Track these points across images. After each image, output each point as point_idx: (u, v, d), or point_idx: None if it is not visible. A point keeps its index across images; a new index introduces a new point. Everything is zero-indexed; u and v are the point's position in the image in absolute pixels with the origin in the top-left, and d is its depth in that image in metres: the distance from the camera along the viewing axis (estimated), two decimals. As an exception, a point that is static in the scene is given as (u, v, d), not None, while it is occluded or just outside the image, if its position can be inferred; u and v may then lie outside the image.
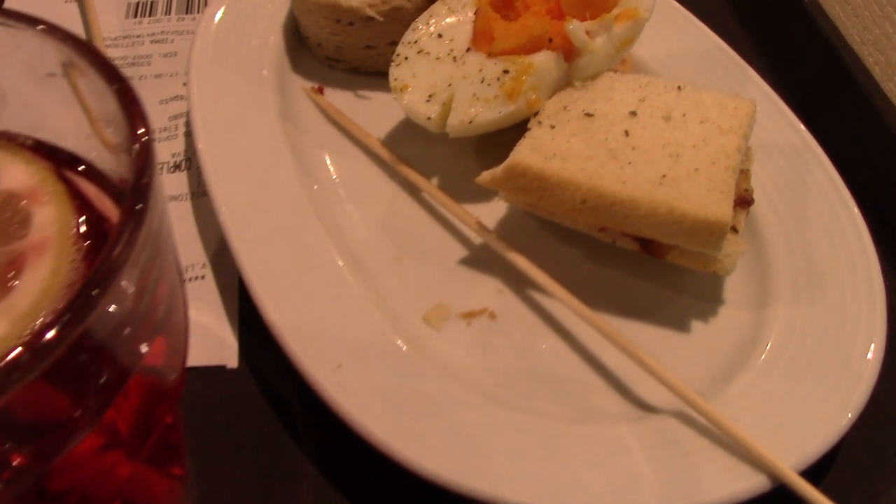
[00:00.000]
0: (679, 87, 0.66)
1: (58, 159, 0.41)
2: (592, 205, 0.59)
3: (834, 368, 0.57)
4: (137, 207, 0.31)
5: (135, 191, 0.31)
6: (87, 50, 0.36)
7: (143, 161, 0.33)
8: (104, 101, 0.36)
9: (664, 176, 0.59)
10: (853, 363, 0.57)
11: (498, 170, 0.62)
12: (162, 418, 0.42)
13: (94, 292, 0.28)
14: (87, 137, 0.40)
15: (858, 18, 0.88)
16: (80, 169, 0.41)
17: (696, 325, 0.63)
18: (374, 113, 0.75)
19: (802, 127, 0.73)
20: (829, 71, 0.83)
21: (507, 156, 0.62)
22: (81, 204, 0.40)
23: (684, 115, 0.63)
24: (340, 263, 0.61)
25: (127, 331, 0.33)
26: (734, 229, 0.61)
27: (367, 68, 0.78)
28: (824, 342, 0.59)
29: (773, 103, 0.75)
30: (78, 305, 0.28)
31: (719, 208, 0.57)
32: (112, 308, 0.31)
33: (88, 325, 0.28)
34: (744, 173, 0.64)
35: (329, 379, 0.53)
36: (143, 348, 0.36)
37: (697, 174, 0.59)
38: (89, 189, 0.41)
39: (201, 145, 0.66)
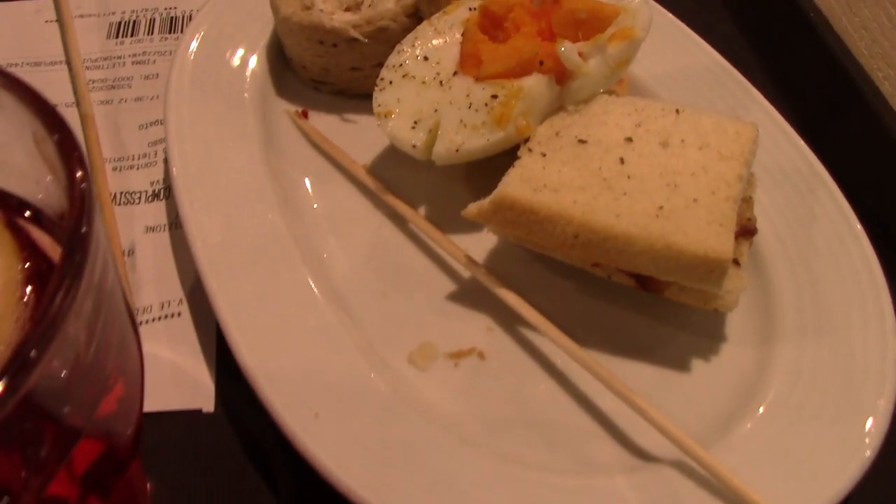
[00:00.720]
0: (677, 111, 0.63)
1: (6, 205, 0.39)
2: (585, 240, 0.56)
3: (843, 413, 0.54)
4: (76, 259, 0.29)
5: (72, 242, 0.29)
6: (27, 93, 0.34)
7: (81, 210, 0.31)
8: (45, 146, 0.34)
9: (661, 207, 0.56)
10: (864, 407, 0.54)
11: (485, 202, 0.58)
12: (119, 474, 0.40)
13: (33, 353, 0.26)
14: (36, 182, 0.38)
15: (866, 31, 0.85)
16: (31, 215, 0.39)
17: (697, 365, 0.59)
18: (360, 138, 0.72)
19: (808, 149, 0.70)
20: (836, 87, 0.80)
21: (497, 183, 0.59)
22: (31, 254, 0.38)
23: (683, 141, 0.60)
24: (321, 300, 0.58)
25: (74, 388, 0.31)
26: (736, 262, 0.58)
27: (354, 90, 0.75)
28: (833, 384, 0.55)
29: (776, 124, 0.71)
30: (15, 368, 0.26)
31: (719, 243, 0.53)
32: (55, 366, 0.28)
33: (29, 387, 0.26)
34: (746, 201, 0.61)
35: (306, 429, 0.50)
36: (93, 404, 0.33)
37: (696, 205, 0.56)
38: (42, 238, 0.39)
39: (176, 173, 0.63)
